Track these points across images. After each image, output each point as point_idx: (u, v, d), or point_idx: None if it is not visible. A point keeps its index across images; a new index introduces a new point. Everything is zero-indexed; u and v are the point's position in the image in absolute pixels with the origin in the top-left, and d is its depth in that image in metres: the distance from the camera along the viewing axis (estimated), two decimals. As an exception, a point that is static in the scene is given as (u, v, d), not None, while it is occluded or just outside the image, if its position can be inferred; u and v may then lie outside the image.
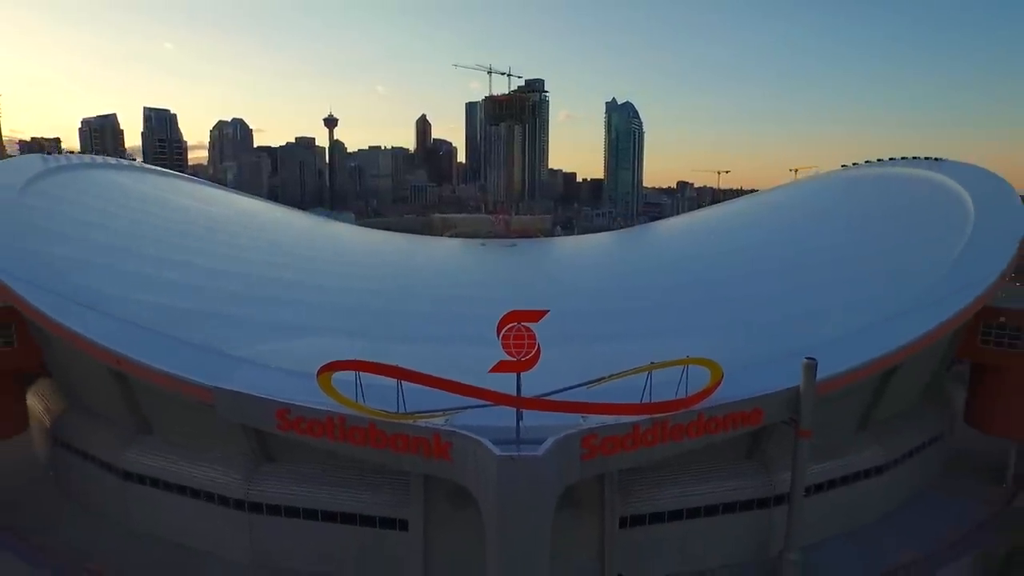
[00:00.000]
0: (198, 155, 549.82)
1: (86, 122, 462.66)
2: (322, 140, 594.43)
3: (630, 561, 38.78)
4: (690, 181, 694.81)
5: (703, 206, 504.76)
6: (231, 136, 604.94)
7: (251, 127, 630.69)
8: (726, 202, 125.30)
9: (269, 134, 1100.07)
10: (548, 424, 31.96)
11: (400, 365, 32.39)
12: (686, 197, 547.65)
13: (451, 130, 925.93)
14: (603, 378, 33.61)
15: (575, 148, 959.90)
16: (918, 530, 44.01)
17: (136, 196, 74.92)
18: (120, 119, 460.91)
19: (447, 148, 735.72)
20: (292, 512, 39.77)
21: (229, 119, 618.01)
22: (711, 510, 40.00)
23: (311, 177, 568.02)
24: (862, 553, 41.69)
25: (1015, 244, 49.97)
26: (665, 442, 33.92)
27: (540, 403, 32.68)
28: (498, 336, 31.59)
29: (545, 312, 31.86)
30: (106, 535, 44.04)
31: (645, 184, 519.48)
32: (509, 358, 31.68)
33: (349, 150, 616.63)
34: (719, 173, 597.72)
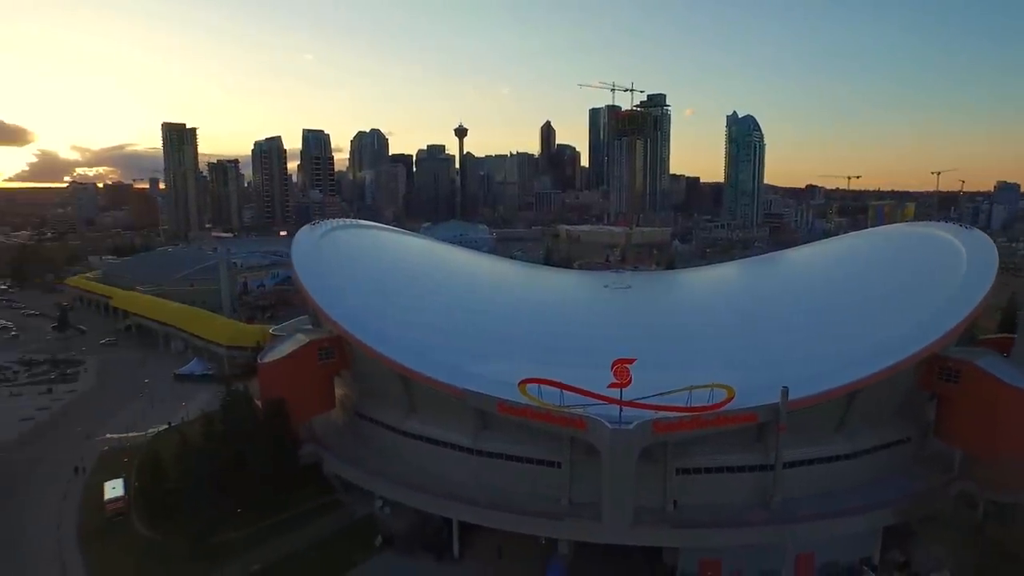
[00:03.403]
0: (336, 158, 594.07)
1: (258, 144, 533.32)
2: (451, 147, 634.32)
3: (682, 494, 69.40)
4: (819, 185, 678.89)
5: (829, 214, 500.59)
6: (369, 146, 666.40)
7: (386, 135, 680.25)
8: (784, 251, 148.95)
9: (400, 138, 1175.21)
10: (636, 415, 63.25)
11: (561, 381, 65.14)
12: (812, 205, 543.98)
13: (574, 134, 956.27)
14: (665, 392, 64.09)
15: (697, 148, 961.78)
16: (871, 494, 70.71)
17: (371, 255, 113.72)
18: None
19: (570, 153, 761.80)
20: (498, 455, 73.63)
21: (368, 129, 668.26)
22: (731, 469, 69.83)
23: (444, 186, 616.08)
24: (826, 502, 69.38)
25: (954, 323, 74.11)
26: (698, 428, 64.44)
27: (633, 404, 64.10)
28: (611, 370, 63.56)
29: (635, 360, 63.38)
30: (390, 466, 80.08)
31: (773, 184, 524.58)
32: (616, 381, 63.61)
33: (476, 155, 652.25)
34: (849, 178, 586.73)
